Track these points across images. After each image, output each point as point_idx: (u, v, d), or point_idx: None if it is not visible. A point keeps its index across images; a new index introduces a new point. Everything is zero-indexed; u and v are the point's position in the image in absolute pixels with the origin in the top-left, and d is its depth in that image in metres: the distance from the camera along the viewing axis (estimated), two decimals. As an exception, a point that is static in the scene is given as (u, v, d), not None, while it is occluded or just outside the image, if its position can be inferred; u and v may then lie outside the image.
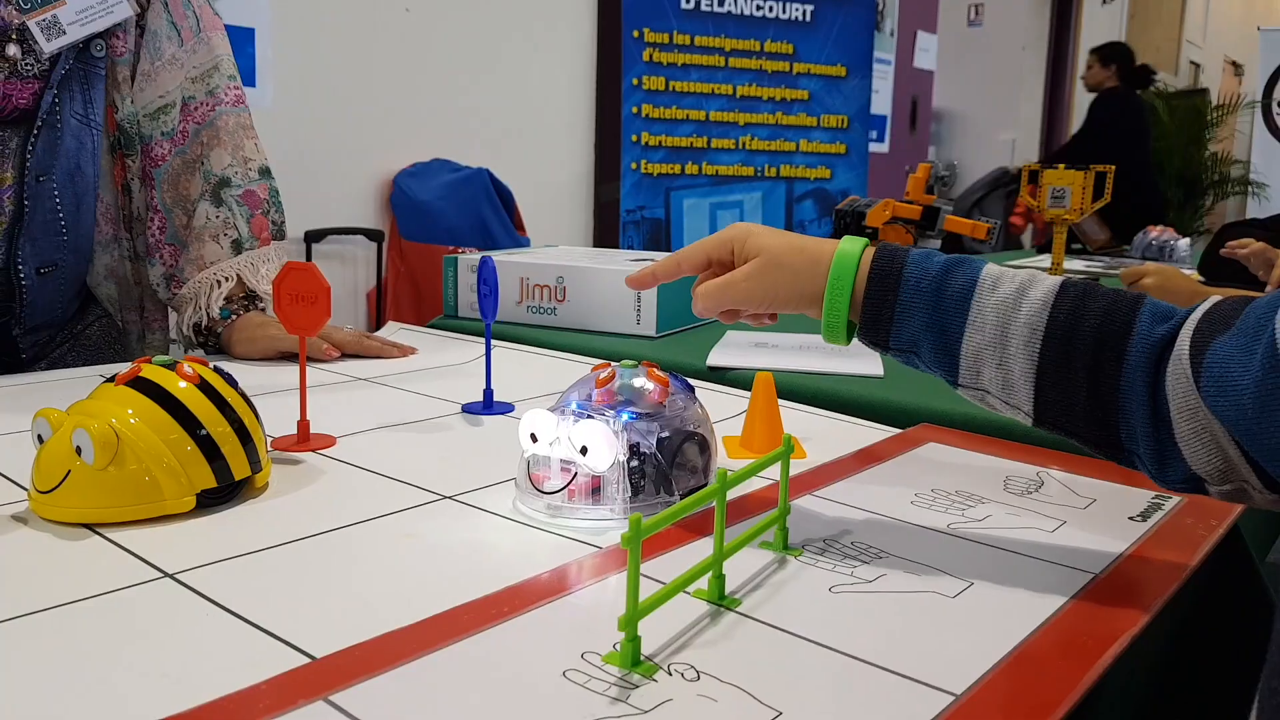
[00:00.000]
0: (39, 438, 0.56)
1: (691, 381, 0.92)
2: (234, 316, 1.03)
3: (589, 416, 0.56)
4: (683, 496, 0.58)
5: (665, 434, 0.58)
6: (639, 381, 0.60)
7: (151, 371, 0.58)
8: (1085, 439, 0.51)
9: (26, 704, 0.37)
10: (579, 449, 0.55)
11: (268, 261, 1.07)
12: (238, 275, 1.04)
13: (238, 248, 1.05)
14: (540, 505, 0.58)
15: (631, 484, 0.57)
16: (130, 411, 0.56)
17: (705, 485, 0.60)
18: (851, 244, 0.56)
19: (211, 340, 1.04)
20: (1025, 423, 0.52)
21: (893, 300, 0.53)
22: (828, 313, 0.55)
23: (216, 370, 0.61)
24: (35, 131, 0.93)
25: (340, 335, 1.02)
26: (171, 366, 0.59)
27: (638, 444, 0.57)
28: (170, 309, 1.08)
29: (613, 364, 0.62)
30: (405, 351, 1.05)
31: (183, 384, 0.58)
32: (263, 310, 1.06)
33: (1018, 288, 0.52)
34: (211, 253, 1.04)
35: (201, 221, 1.04)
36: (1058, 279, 0.53)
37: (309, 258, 2.56)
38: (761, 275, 0.57)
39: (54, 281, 0.99)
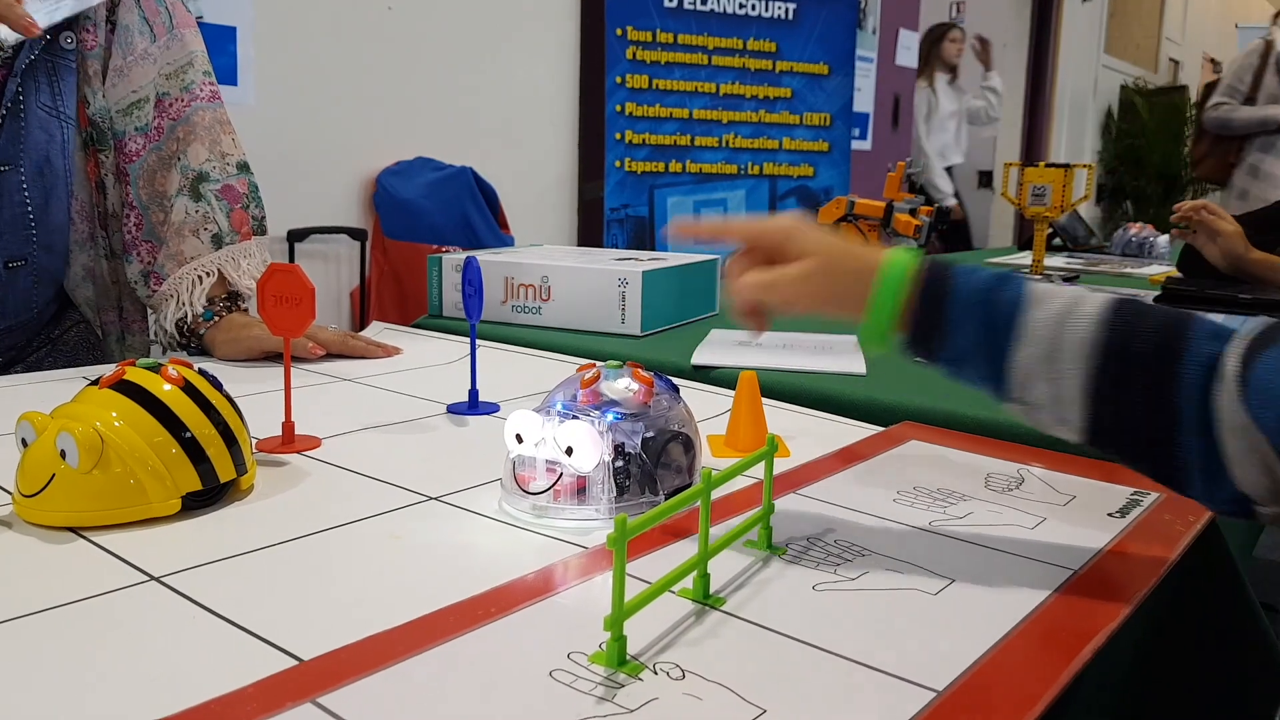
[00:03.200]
0: (23, 441, 0.56)
1: (676, 381, 0.93)
2: (217, 317, 1.03)
3: (574, 417, 0.57)
4: (668, 496, 0.58)
5: (650, 434, 0.58)
6: (623, 382, 0.60)
7: (136, 374, 0.58)
8: (1136, 457, 0.51)
9: (11, 708, 0.37)
10: (564, 449, 0.55)
11: (249, 256, 1.06)
12: (219, 271, 1.03)
13: (218, 242, 1.04)
14: (526, 506, 0.58)
15: (616, 484, 0.57)
16: (114, 414, 0.56)
17: (690, 485, 0.61)
18: (901, 254, 0.55)
19: (194, 341, 1.04)
20: (1072, 440, 0.52)
21: (942, 313, 0.53)
22: (874, 320, 0.54)
23: (201, 372, 0.61)
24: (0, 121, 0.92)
25: (325, 335, 1.02)
26: (156, 369, 0.59)
27: (623, 444, 0.57)
28: (149, 308, 1.07)
29: (597, 364, 0.62)
30: (390, 351, 1.05)
31: (167, 386, 0.58)
32: (245, 310, 1.06)
33: (1068, 303, 0.51)
34: (191, 247, 1.03)
35: (180, 216, 1.03)
36: (1108, 296, 0.52)
37: (292, 257, 2.54)
38: (814, 277, 0.56)
39: (24, 277, 0.98)
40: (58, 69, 0.96)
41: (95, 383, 0.58)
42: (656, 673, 0.40)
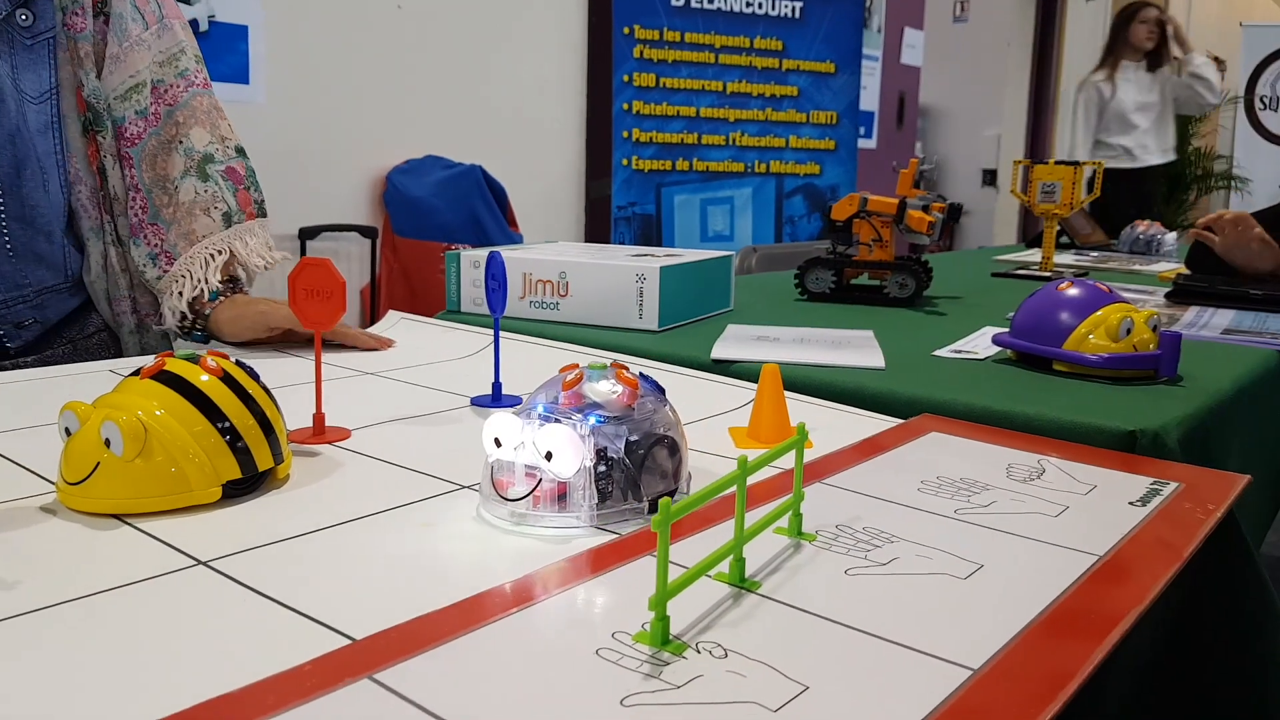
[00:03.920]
0: (66, 430, 0.57)
1: (696, 374, 0.94)
2: (221, 298, 1.05)
3: (556, 420, 0.54)
4: (651, 502, 0.56)
5: (634, 437, 0.56)
6: (607, 384, 0.58)
7: (175, 365, 0.59)
8: None
9: (73, 689, 0.38)
10: (544, 454, 0.53)
11: (254, 235, 1.09)
12: (230, 249, 1.06)
13: (228, 220, 1.07)
14: (504, 513, 0.56)
15: (598, 490, 0.55)
16: (156, 404, 0.57)
17: (675, 490, 0.59)
18: None
19: (200, 323, 1.05)
20: None
21: None
22: None
23: (238, 363, 0.62)
24: None
25: None
26: (195, 360, 0.60)
27: (605, 449, 0.55)
28: (157, 292, 1.08)
29: (580, 365, 0.60)
30: (383, 343, 1.07)
31: (205, 377, 0.59)
32: (246, 292, 1.08)
33: None
34: (203, 226, 1.06)
35: (190, 196, 1.05)
36: None
37: (303, 254, 2.56)
38: None
39: (2, 249, 0.99)
40: (15, 45, 0.98)
41: (136, 373, 0.59)
42: (699, 651, 0.41)
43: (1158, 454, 0.74)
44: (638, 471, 0.56)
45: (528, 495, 0.55)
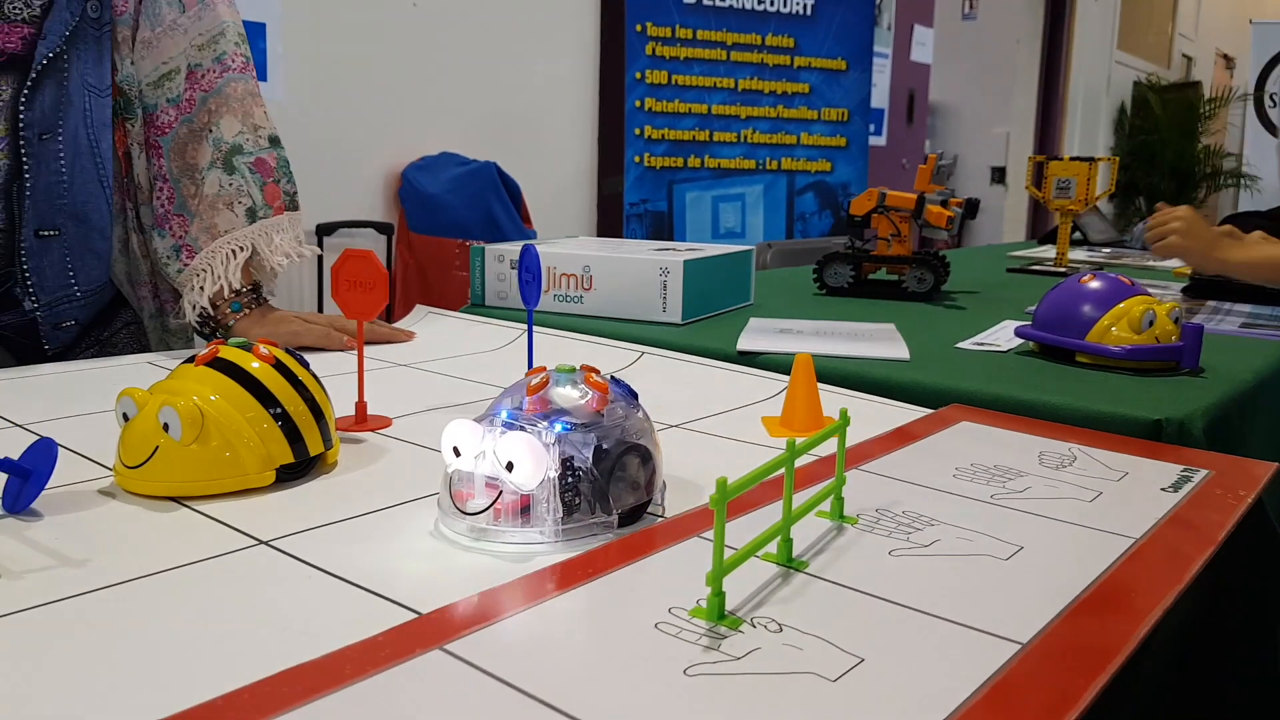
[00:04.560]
0: (124, 416, 0.59)
1: (723, 365, 0.96)
2: (245, 310, 1.03)
3: (520, 428, 0.51)
4: (622, 515, 0.53)
5: (603, 446, 0.52)
6: (574, 389, 0.54)
7: (229, 352, 0.61)
8: None
9: (153, 660, 0.39)
10: (504, 465, 0.50)
11: (281, 232, 1.06)
12: (252, 246, 1.03)
13: (252, 216, 1.03)
14: (462, 527, 0.52)
15: (564, 503, 0.51)
16: (211, 390, 0.59)
17: (648, 501, 0.56)
18: None
19: (221, 332, 1.04)
20: None
21: None
22: None
23: (289, 351, 0.63)
24: (29, 82, 0.91)
25: (347, 323, 1.03)
26: (248, 348, 0.62)
27: (571, 458, 0.51)
28: (177, 286, 1.06)
29: (548, 368, 0.56)
30: (407, 336, 1.09)
31: (257, 364, 0.61)
32: (267, 301, 1.06)
33: None
34: (225, 221, 1.02)
35: (214, 189, 1.02)
36: None
37: (320, 251, 2.58)
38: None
39: (58, 249, 0.98)
40: (87, 39, 0.97)
41: (190, 360, 0.61)
42: (755, 626, 0.42)
43: (1183, 443, 0.75)
44: (606, 482, 0.52)
45: (488, 509, 0.51)
